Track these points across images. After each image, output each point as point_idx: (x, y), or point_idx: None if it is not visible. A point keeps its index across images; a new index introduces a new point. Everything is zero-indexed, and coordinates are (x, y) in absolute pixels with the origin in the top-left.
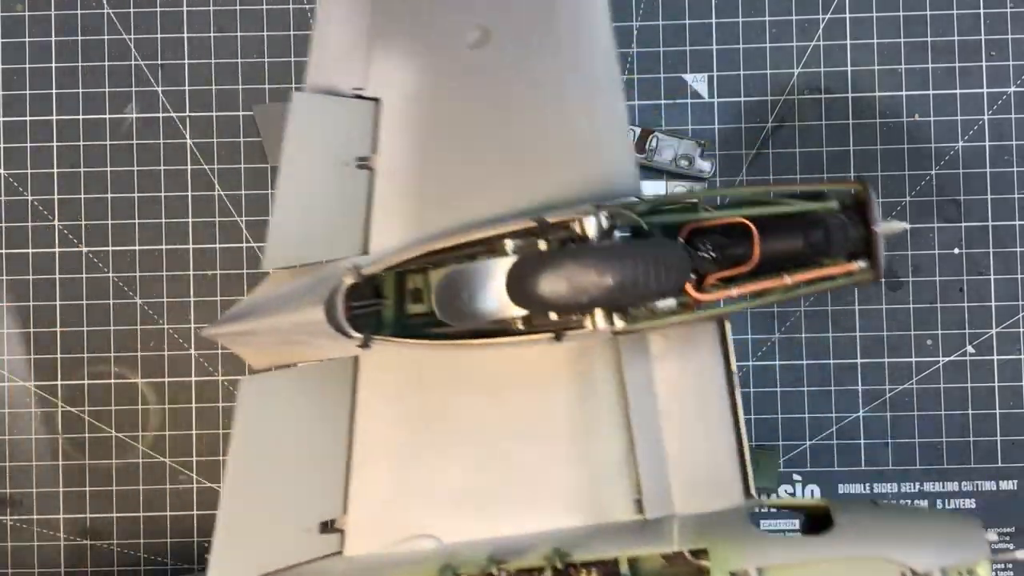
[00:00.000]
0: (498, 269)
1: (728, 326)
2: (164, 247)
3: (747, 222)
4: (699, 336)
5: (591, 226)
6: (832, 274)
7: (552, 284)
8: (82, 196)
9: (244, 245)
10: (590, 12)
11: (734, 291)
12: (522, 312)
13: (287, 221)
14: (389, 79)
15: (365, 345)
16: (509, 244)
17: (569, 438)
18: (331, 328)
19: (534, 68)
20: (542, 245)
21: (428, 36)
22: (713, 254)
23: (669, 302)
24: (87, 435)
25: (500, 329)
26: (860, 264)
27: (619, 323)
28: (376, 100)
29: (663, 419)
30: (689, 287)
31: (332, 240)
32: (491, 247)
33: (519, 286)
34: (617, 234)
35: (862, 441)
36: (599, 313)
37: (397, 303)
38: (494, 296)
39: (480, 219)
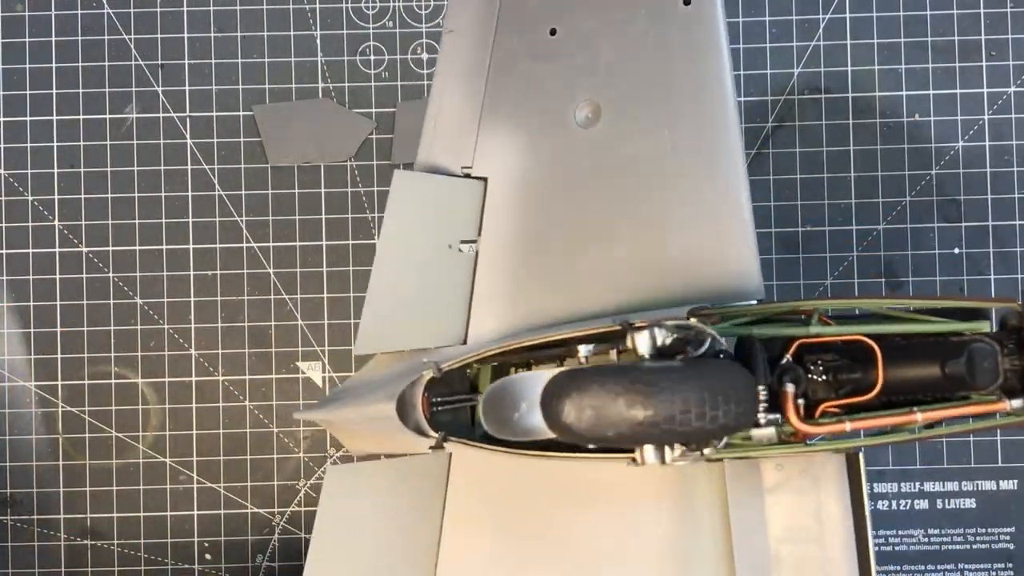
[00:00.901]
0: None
1: (862, 461)
2: (164, 247)
3: (868, 341)
4: (821, 469)
5: (643, 343)
6: (975, 413)
7: (575, 411)
8: (82, 196)
9: (244, 245)
10: (710, 86)
11: (848, 425)
12: None
13: (383, 304)
14: (497, 157)
15: (439, 446)
16: (583, 350)
17: (662, 567)
18: (403, 425)
19: (645, 149)
20: (613, 356)
21: (537, 113)
22: (825, 377)
23: (768, 431)
24: (87, 435)
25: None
26: (1013, 404)
27: (672, 458)
28: (484, 179)
29: (774, 565)
30: (793, 416)
31: (431, 326)
32: (570, 351)
33: (546, 408)
34: (691, 350)
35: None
36: (647, 448)
37: None
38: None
39: (580, 315)
